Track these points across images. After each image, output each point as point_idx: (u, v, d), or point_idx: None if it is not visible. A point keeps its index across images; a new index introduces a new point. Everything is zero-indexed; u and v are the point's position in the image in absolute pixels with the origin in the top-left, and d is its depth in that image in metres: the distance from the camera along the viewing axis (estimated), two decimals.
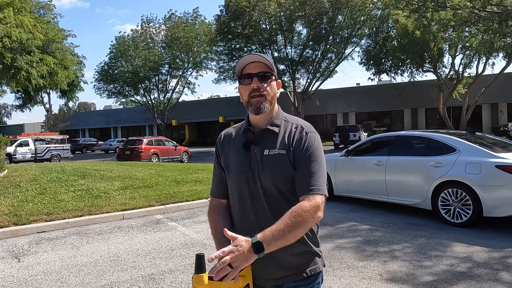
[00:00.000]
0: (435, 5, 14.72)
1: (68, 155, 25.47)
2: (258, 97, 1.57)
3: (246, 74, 1.59)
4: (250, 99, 1.58)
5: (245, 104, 1.62)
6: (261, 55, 1.60)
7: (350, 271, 4.16)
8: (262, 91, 1.57)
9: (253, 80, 1.57)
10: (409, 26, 22.14)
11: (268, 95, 1.58)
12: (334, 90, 38.27)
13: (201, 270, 1.34)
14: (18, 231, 6.19)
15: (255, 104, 1.57)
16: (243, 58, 1.60)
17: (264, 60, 1.58)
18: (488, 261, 4.31)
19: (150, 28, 39.02)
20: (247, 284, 1.52)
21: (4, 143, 11.87)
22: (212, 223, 1.68)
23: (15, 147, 22.57)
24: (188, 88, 41.58)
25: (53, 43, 15.83)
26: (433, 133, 6.65)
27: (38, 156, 23.48)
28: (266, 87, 1.58)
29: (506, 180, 5.34)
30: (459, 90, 27.23)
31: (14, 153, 22.34)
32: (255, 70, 1.58)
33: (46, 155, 23.80)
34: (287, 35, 30.82)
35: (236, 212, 1.64)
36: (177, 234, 5.94)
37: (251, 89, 1.57)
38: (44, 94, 40.86)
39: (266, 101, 1.58)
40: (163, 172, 11.29)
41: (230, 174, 1.65)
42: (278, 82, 1.64)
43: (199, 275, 1.33)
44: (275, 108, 1.66)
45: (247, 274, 1.53)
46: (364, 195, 7.37)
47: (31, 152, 23.24)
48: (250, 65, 1.59)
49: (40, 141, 24.30)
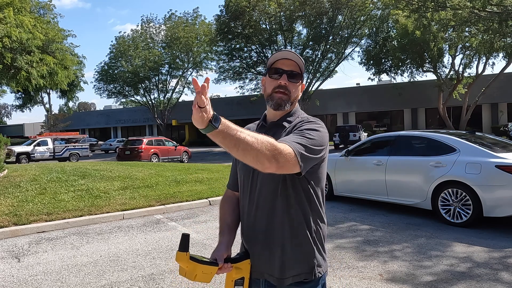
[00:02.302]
0: (435, 5, 14.73)
1: (87, 153, 25.91)
2: (281, 94, 1.57)
3: (276, 68, 1.58)
4: (273, 93, 1.58)
5: (266, 97, 1.62)
6: (297, 54, 1.59)
7: (350, 271, 4.16)
8: (287, 89, 1.57)
9: (282, 76, 1.56)
10: (409, 26, 22.14)
11: (292, 95, 1.59)
12: (334, 90, 38.27)
13: (184, 248, 1.41)
14: (18, 231, 6.19)
15: (277, 99, 1.57)
16: (279, 52, 1.60)
17: (297, 60, 1.58)
18: (488, 261, 4.31)
19: (150, 28, 39.05)
20: (242, 277, 1.55)
21: (4, 143, 11.88)
22: (220, 212, 1.74)
23: (34, 147, 23.35)
24: (188, 88, 41.57)
25: (53, 43, 15.84)
26: (433, 133, 6.65)
27: (56, 155, 24.02)
28: (292, 87, 1.58)
29: (506, 180, 5.34)
30: (459, 90, 27.22)
31: (32, 152, 23.11)
32: (287, 67, 1.57)
33: (65, 154, 24.30)
34: (287, 35, 30.83)
35: (241, 205, 1.67)
36: (177, 234, 5.94)
37: (278, 84, 1.57)
38: (44, 94, 40.92)
39: (289, 100, 1.58)
40: (163, 172, 11.29)
41: (238, 167, 1.68)
42: (302, 85, 1.65)
43: (182, 253, 1.41)
44: (294, 107, 1.66)
45: (244, 268, 1.55)
46: (364, 195, 7.37)
47: (49, 151, 23.84)
48: (283, 61, 1.58)
49: (59, 141, 24.84)
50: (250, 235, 1.59)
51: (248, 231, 1.61)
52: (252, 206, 1.58)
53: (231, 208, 1.71)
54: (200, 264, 1.44)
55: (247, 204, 1.61)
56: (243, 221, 1.64)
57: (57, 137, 25.09)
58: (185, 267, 1.43)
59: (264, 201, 1.54)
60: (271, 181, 1.52)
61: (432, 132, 6.76)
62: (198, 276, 1.45)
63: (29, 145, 23.63)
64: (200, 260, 1.44)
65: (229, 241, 1.61)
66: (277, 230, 1.52)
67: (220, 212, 1.74)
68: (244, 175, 1.62)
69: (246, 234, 1.62)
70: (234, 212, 1.70)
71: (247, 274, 1.56)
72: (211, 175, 11.08)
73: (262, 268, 1.55)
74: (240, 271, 1.55)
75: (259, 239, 1.55)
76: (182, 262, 1.42)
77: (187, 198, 8.28)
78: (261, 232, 1.55)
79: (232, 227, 1.66)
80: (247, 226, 1.61)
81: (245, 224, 1.63)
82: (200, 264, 1.44)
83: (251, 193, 1.59)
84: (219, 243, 1.59)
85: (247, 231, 1.61)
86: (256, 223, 1.57)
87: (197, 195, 8.54)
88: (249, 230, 1.60)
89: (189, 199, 8.25)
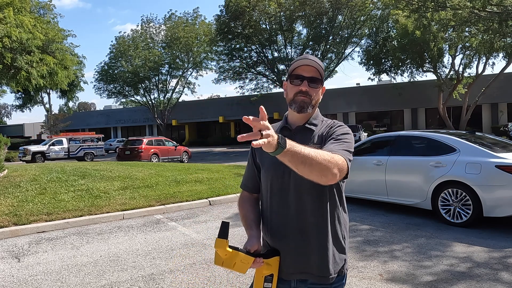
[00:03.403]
0: (435, 5, 14.72)
1: (102, 153, 26.51)
2: (303, 97, 1.63)
3: (297, 75, 1.63)
4: (295, 97, 1.64)
5: (288, 102, 1.68)
6: (316, 60, 1.65)
7: (350, 271, 4.15)
8: (309, 95, 1.63)
9: (303, 83, 1.62)
10: (409, 26, 22.13)
11: (313, 99, 1.65)
12: (334, 90, 38.22)
13: (224, 235, 1.43)
14: (18, 231, 6.19)
15: (300, 102, 1.63)
16: (300, 59, 1.65)
17: (317, 66, 1.63)
18: (488, 261, 4.31)
19: (150, 28, 39.03)
20: (271, 274, 1.57)
21: (4, 143, 11.88)
22: (242, 210, 1.78)
23: (49, 146, 24.49)
24: (188, 88, 41.61)
25: (53, 43, 15.84)
26: (433, 133, 6.65)
27: (71, 154, 24.93)
28: (313, 92, 1.64)
29: (506, 180, 5.34)
30: (459, 90, 27.21)
31: (47, 151, 24.22)
32: (308, 73, 1.63)
33: (79, 153, 25.11)
34: (287, 35, 30.83)
35: (266, 206, 1.71)
36: (177, 234, 5.94)
37: (299, 90, 1.63)
38: (44, 94, 40.90)
39: (310, 104, 1.65)
40: (163, 172, 11.29)
41: (264, 169, 1.70)
42: (323, 88, 1.70)
43: (222, 240, 1.42)
44: (316, 111, 1.72)
45: (273, 264, 1.58)
46: (364, 195, 7.37)
47: (64, 150, 24.77)
48: (303, 67, 1.63)
49: (74, 140, 25.58)
50: (281, 234, 1.62)
51: (279, 230, 1.63)
52: (284, 205, 1.62)
53: (252, 206, 1.77)
54: (240, 253, 1.46)
55: (277, 204, 1.65)
56: (271, 221, 1.67)
57: (73, 137, 25.90)
58: (223, 255, 1.44)
59: (298, 200, 1.60)
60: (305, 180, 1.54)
61: (432, 132, 6.76)
62: (236, 265, 1.46)
63: (45, 144, 24.80)
64: (239, 248, 1.46)
65: (259, 235, 1.65)
66: (315, 226, 1.59)
67: (241, 211, 1.79)
68: (273, 177, 1.65)
69: (276, 234, 1.64)
70: (255, 210, 1.76)
71: (276, 271, 1.58)
72: (211, 175, 11.08)
73: (297, 267, 1.60)
74: (270, 267, 1.57)
75: (294, 238, 1.59)
76: (221, 249, 1.43)
77: (187, 198, 8.28)
78: (296, 231, 1.59)
79: (257, 223, 1.71)
80: (277, 225, 1.64)
81: (274, 224, 1.66)
82: (240, 252, 1.46)
83: (282, 194, 1.63)
84: (250, 236, 1.62)
85: (277, 230, 1.64)
86: (288, 222, 1.61)
87: (197, 195, 8.54)
88: (281, 229, 1.63)
89: (189, 199, 8.25)
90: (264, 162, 1.70)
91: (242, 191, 1.87)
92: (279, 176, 1.63)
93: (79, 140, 25.73)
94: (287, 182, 1.61)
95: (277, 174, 1.63)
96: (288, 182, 1.61)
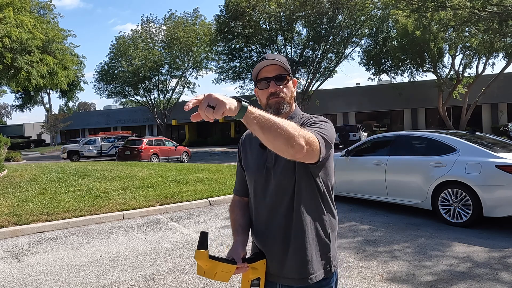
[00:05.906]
0: (435, 5, 14.73)
1: None
2: (276, 98, 1.58)
3: (262, 78, 1.60)
4: (269, 101, 1.59)
5: (263, 107, 1.63)
6: (275, 57, 1.59)
7: (350, 271, 4.15)
8: (280, 94, 1.58)
9: (271, 84, 1.58)
10: (409, 26, 22.12)
11: (286, 96, 1.61)
12: (334, 90, 38.24)
13: (203, 246, 1.40)
14: (18, 231, 6.19)
15: (274, 105, 1.59)
16: (258, 63, 1.61)
17: (278, 63, 1.58)
18: (488, 261, 4.31)
19: (150, 28, 39.00)
20: (258, 277, 1.55)
21: (4, 143, 11.88)
22: (232, 215, 1.77)
23: (82, 145, 25.82)
24: (188, 88, 41.53)
25: (53, 43, 15.83)
26: (433, 133, 6.65)
27: (103, 152, 25.86)
28: (283, 89, 1.60)
29: (506, 180, 5.34)
30: (459, 90, 27.21)
31: (81, 150, 25.42)
32: (271, 73, 1.58)
33: (111, 151, 25.80)
34: (287, 35, 30.80)
35: (252, 209, 1.69)
36: (177, 234, 5.94)
37: (269, 93, 1.58)
38: (44, 94, 40.98)
39: (285, 102, 1.60)
40: (163, 172, 11.29)
41: (249, 172, 1.68)
42: (293, 81, 1.65)
43: (201, 251, 1.39)
44: (293, 107, 1.67)
45: (260, 268, 1.56)
46: (364, 195, 7.37)
47: (96, 149, 25.76)
48: (266, 68, 1.59)
49: (107, 139, 26.45)
50: (265, 236, 1.60)
51: (263, 232, 1.62)
52: (266, 207, 1.60)
53: (242, 211, 1.75)
54: (220, 263, 1.44)
55: (261, 206, 1.62)
56: (257, 224, 1.65)
57: (106, 136, 26.88)
58: (204, 265, 1.43)
59: (278, 201, 1.57)
60: (284, 181, 1.55)
61: (432, 132, 6.76)
62: (217, 275, 1.45)
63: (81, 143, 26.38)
64: (219, 258, 1.44)
65: (244, 240, 1.63)
66: (294, 228, 1.55)
67: (231, 215, 1.78)
68: (256, 179, 1.63)
69: (261, 236, 1.62)
70: (245, 214, 1.73)
71: (263, 275, 1.56)
72: (211, 175, 11.07)
73: (280, 270, 1.56)
74: (256, 271, 1.55)
75: (276, 240, 1.57)
76: (201, 260, 1.41)
77: (187, 198, 8.28)
78: (278, 233, 1.57)
79: (245, 228, 1.69)
80: (261, 227, 1.63)
81: (259, 226, 1.64)
82: (220, 262, 1.43)
83: (265, 196, 1.60)
84: (235, 242, 1.61)
85: (262, 232, 1.62)
86: (271, 224, 1.59)
87: (197, 195, 8.54)
88: (264, 231, 1.61)
89: (189, 199, 8.25)
90: (248, 165, 1.69)
91: (233, 196, 1.85)
92: (261, 178, 1.60)
93: (112, 139, 26.58)
94: (268, 184, 1.59)
95: (260, 176, 1.61)
96: (270, 184, 1.58)
